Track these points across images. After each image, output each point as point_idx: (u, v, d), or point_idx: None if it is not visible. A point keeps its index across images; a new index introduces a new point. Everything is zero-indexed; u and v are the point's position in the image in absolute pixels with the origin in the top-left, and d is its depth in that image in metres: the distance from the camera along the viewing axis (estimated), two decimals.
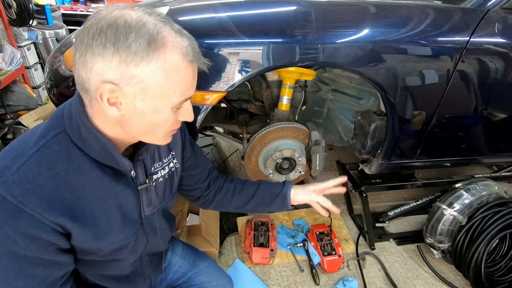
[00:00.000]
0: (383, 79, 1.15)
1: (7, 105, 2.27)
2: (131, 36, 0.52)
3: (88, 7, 4.09)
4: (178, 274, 1.07)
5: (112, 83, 0.54)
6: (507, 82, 1.27)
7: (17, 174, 0.56)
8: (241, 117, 1.64)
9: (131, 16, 0.53)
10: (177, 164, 0.88)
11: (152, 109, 0.59)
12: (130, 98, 0.56)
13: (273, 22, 1.06)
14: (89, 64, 0.53)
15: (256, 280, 1.39)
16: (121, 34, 0.52)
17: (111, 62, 0.53)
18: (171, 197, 0.91)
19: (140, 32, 0.52)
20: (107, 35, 0.52)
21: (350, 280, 1.40)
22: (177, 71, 0.57)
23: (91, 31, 0.53)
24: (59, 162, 0.60)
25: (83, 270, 0.79)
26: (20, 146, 0.60)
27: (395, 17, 1.14)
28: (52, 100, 1.25)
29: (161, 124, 0.63)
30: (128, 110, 0.58)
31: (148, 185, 0.77)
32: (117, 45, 0.52)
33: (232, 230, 1.66)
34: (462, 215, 1.40)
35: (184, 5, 1.13)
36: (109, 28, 0.52)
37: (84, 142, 0.61)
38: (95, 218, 0.66)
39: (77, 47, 0.55)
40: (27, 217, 0.56)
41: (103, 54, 0.52)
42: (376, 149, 1.40)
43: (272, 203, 1.01)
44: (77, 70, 0.56)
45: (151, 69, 0.54)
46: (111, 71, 0.53)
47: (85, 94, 0.58)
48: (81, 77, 0.56)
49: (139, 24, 0.53)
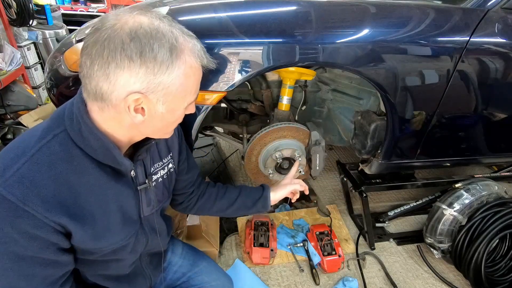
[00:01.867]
0: (383, 79, 1.15)
1: (7, 105, 2.27)
2: (155, 47, 0.54)
3: (88, 7, 4.09)
4: (178, 274, 1.07)
5: (138, 93, 0.56)
6: (507, 82, 1.27)
7: (17, 174, 0.56)
8: (241, 117, 1.64)
9: (147, 25, 0.55)
10: (174, 165, 0.89)
11: (170, 109, 0.62)
12: (153, 103, 0.59)
13: (273, 22, 1.06)
14: (112, 77, 0.54)
15: (256, 280, 1.39)
16: (145, 45, 0.53)
17: (138, 73, 0.54)
18: (168, 197, 0.91)
19: (161, 42, 0.54)
20: (131, 48, 0.53)
21: (350, 280, 1.40)
22: (193, 73, 0.61)
23: (112, 44, 0.53)
24: (60, 162, 0.60)
25: (83, 269, 0.79)
26: (20, 145, 0.60)
27: (395, 17, 1.14)
28: (52, 100, 1.25)
29: (174, 121, 0.67)
30: (149, 114, 0.60)
31: (147, 185, 0.77)
32: (144, 57, 0.53)
33: (232, 230, 1.66)
34: (462, 215, 1.41)
35: (184, 5, 1.13)
36: (132, 40, 0.53)
37: (85, 142, 0.61)
38: (95, 218, 0.66)
39: (93, 59, 0.54)
40: (28, 216, 0.56)
41: (129, 67, 0.53)
42: (376, 149, 1.40)
43: (254, 206, 1.06)
44: (94, 81, 0.55)
45: (175, 75, 0.57)
46: (138, 82, 0.55)
47: (97, 102, 0.59)
48: (99, 88, 0.56)
49: (158, 33, 0.55)
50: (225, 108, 1.67)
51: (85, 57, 0.55)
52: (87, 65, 0.55)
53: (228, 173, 2.13)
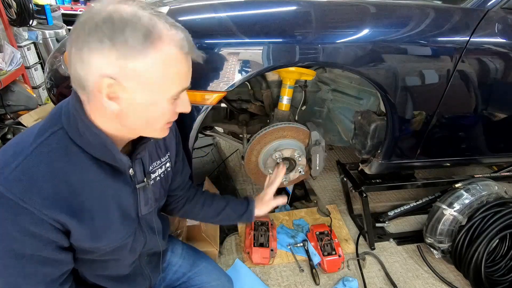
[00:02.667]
0: (383, 79, 1.15)
1: (7, 105, 2.27)
2: (127, 30, 0.52)
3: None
4: (178, 274, 1.07)
5: (111, 78, 0.54)
6: (507, 82, 1.27)
7: (16, 171, 0.56)
8: (241, 117, 1.64)
9: (125, 10, 0.53)
10: (172, 164, 0.89)
11: (150, 101, 0.59)
12: (129, 92, 0.56)
13: (273, 22, 1.06)
14: (86, 60, 0.53)
15: (256, 280, 1.39)
16: (117, 29, 0.51)
17: (109, 57, 0.52)
18: (164, 196, 0.91)
19: (136, 26, 0.52)
20: (103, 30, 0.51)
21: (350, 280, 1.40)
22: (174, 63, 0.58)
23: (87, 26, 0.52)
24: (58, 160, 0.60)
25: (82, 269, 0.79)
26: (19, 144, 0.60)
27: (395, 17, 1.14)
28: (52, 100, 1.25)
29: (159, 116, 0.63)
30: (127, 104, 0.58)
31: (146, 183, 0.77)
32: (114, 40, 0.51)
33: (232, 230, 1.66)
34: (462, 215, 1.41)
35: (184, 5, 1.13)
36: (105, 23, 0.51)
37: (82, 139, 0.61)
38: (93, 215, 0.66)
39: (73, 43, 0.54)
40: (27, 214, 0.56)
41: (100, 49, 0.52)
42: (376, 149, 1.40)
43: (238, 219, 1.08)
44: (73, 66, 0.55)
45: (149, 62, 0.54)
46: (109, 66, 0.53)
47: (82, 91, 0.58)
48: (78, 74, 0.55)
49: (134, 18, 0.52)
50: (225, 108, 1.67)
51: (68, 42, 0.55)
52: (68, 49, 0.55)
53: (228, 173, 2.13)
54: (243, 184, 2.03)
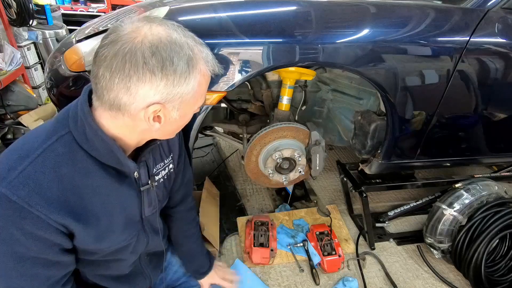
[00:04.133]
0: (383, 79, 1.15)
1: (7, 105, 2.27)
2: (175, 60, 0.56)
3: (88, 7, 4.09)
4: (178, 274, 1.08)
5: (158, 104, 0.58)
6: (507, 82, 1.27)
7: (22, 175, 0.56)
8: (241, 117, 1.64)
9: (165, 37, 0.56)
10: (174, 166, 0.89)
11: (183, 115, 0.65)
12: (169, 111, 0.61)
13: (273, 22, 1.06)
14: (133, 89, 0.56)
15: (256, 280, 1.39)
16: (166, 60, 0.55)
17: (159, 85, 0.56)
18: (167, 197, 0.92)
19: (180, 54, 0.57)
20: (153, 62, 0.54)
21: (350, 280, 1.40)
22: (206, 81, 0.64)
23: (134, 58, 0.54)
24: (64, 164, 0.60)
25: (84, 270, 0.79)
26: (25, 146, 0.60)
27: (395, 17, 1.14)
28: (52, 100, 1.25)
29: (184, 124, 0.70)
30: (165, 121, 0.63)
31: (150, 186, 0.77)
32: (165, 70, 0.55)
33: (232, 230, 1.66)
34: (462, 215, 1.41)
35: (184, 5, 1.13)
36: (154, 55, 0.54)
37: (89, 143, 0.61)
38: (98, 219, 0.66)
39: (113, 72, 0.55)
40: (33, 218, 0.56)
41: (151, 80, 0.55)
42: (376, 149, 1.40)
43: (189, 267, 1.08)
44: (113, 92, 0.56)
45: (190, 84, 0.60)
46: (158, 94, 0.57)
47: (111, 112, 0.59)
48: (119, 99, 0.57)
49: (176, 46, 0.57)
50: (225, 108, 1.67)
51: (103, 69, 0.55)
52: (105, 77, 0.55)
53: (228, 173, 2.13)
54: (243, 184, 2.03)
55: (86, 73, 1.08)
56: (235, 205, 1.85)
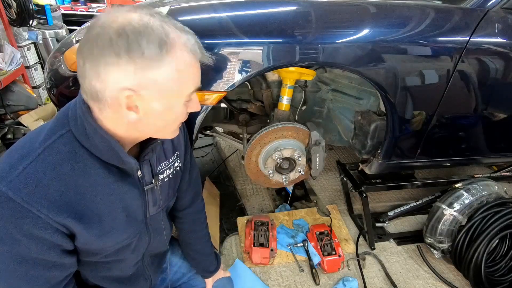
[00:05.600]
0: (383, 79, 1.15)
1: (7, 105, 2.27)
2: (142, 42, 0.52)
3: (88, 7, 4.09)
4: (178, 275, 1.07)
5: (129, 90, 0.55)
6: (507, 82, 1.27)
7: (23, 175, 0.56)
8: (241, 117, 1.64)
9: (136, 21, 0.53)
10: (180, 164, 0.88)
11: (167, 106, 0.60)
12: (146, 100, 0.57)
13: (273, 22, 1.06)
14: (102, 74, 0.53)
15: (256, 280, 1.39)
16: (132, 42, 0.52)
17: (127, 70, 0.53)
18: (173, 196, 0.91)
19: (150, 37, 0.53)
20: (119, 44, 0.51)
21: (350, 280, 1.40)
22: (187, 68, 0.59)
23: (100, 40, 0.52)
24: (65, 163, 0.59)
25: (85, 271, 0.79)
26: (25, 146, 0.60)
27: (395, 17, 1.14)
28: (52, 100, 1.25)
29: (175, 119, 0.65)
30: (144, 112, 0.58)
31: (154, 185, 0.77)
32: (131, 53, 0.52)
33: (232, 230, 1.66)
34: (462, 215, 1.41)
35: (184, 5, 1.13)
36: (119, 37, 0.51)
37: (90, 141, 0.61)
38: (100, 219, 0.66)
39: (85, 58, 0.54)
40: (33, 217, 0.56)
41: (117, 64, 0.52)
42: (376, 149, 1.40)
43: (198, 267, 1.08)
44: (87, 80, 0.55)
45: (165, 70, 0.56)
46: (127, 79, 0.54)
47: (95, 102, 0.58)
48: (93, 87, 0.55)
49: (147, 29, 0.53)
50: (225, 108, 1.67)
51: (78, 56, 0.55)
52: (80, 64, 0.55)
53: (228, 173, 2.13)
54: (243, 184, 2.03)
55: None
56: (235, 205, 1.85)
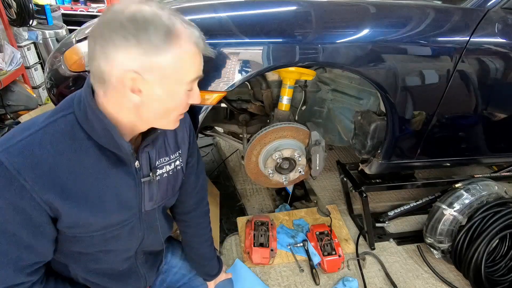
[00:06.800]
0: (383, 79, 1.15)
1: (7, 105, 2.27)
2: (150, 29, 0.56)
3: (88, 7, 4.09)
4: (178, 276, 1.07)
5: (134, 72, 0.58)
6: (507, 82, 1.27)
7: (20, 144, 0.59)
8: (241, 117, 1.64)
9: (147, 10, 0.57)
10: (182, 163, 0.88)
11: (169, 93, 0.63)
12: (150, 84, 0.60)
13: (273, 22, 1.06)
14: (110, 56, 0.57)
15: (256, 280, 1.39)
16: (141, 27, 0.56)
17: (133, 53, 0.57)
18: (173, 195, 0.91)
19: (157, 25, 0.57)
20: (128, 28, 0.55)
21: (350, 280, 1.40)
22: (190, 58, 0.63)
23: (112, 24, 0.56)
24: (62, 140, 0.62)
25: (74, 265, 0.78)
26: (30, 121, 0.63)
27: (395, 17, 1.14)
28: (52, 100, 1.25)
29: (176, 107, 0.67)
30: (147, 96, 0.61)
31: (151, 178, 0.77)
32: (139, 37, 0.56)
33: (232, 230, 1.66)
34: (462, 215, 1.41)
35: (184, 5, 1.13)
36: (129, 21, 0.56)
37: (89, 123, 0.63)
38: (87, 200, 0.66)
39: (96, 40, 0.58)
40: (18, 186, 0.58)
41: (125, 46, 0.56)
42: (376, 149, 1.40)
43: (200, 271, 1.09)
44: (96, 61, 0.58)
45: (169, 58, 0.59)
46: (133, 62, 0.57)
47: (101, 85, 0.61)
48: (100, 69, 0.58)
49: (156, 17, 0.57)
50: (225, 108, 1.67)
51: (90, 38, 0.59)
52: (91, 46, 0.59)
53: (228, 173, 2.13)
54: (243, 184, 2.03)
55: (86, 73, 1.08)
56: (235, 205, 1.85)
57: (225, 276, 1.14)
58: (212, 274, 1.09)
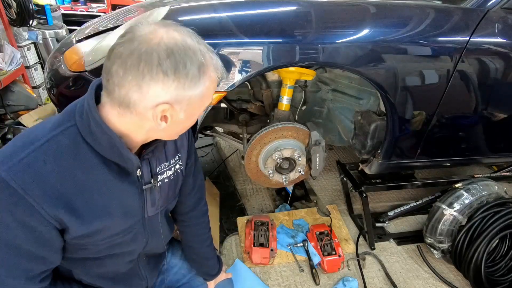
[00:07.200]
0: (383, 79, 1.15)
1: (7, 105, 2.27)
2: (188, 64, 0.58)
3: (88, 7, 4.09)
4: (178, 276, 1.07)
5: (167, 103, 0.59)
6: (507, 82, 1.27)
7: (23, 162, 0.57)
8: (241, 117, 1.64)
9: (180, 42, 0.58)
10: (182, 166, 0.89)
11: (190, 116, 0.66)
12: (176, 112, 0.62)
13: (273, 22, 1.06)
14: (144, 88, 0.57)
15: (256, 280, 1.39)
16: (179, 63, 0.57)
17: (170, 87, 0.58)
18: (173, 198, 0.91)
19: (193, 60, 0.59)
20: (168, 64, 0.56)
21: (350, 280, 1.40)
22: (213, 85, 0.66)
23: (149, 59, 0.55)
24: (66, 156, 0.61)
25: (78, 270, 0.79)
26: (30, 135, 0.61)
27: (395, 17, 1.14)
28: (52, 100, 1.25)
29: (189, 125, 0.71)
30: (171, 121, 0.63)
31: (153, 185, 0.77)
32: (177, 73, 0.57)
33: (232, 230, 1.66)
34: (462, 215, 1.41)
35: (184, 5, 1.13)
36: (167, 57, 0.56)
37: (93, 136, 0.62)
38: (94, 214, 0.66)
39: (128, 70, 0.56)
40: (26, 205, 0.57)
41: (163, 81, 0.57)
42: (376, 149, 1.40)
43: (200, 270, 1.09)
44: (124, 89, 0.57)
45: (199, 89, 0.62)
46: (167, 94, 0.58)
47: (120, 109, 0.60)
48: (128, 96, 0.58)
49: (190, 51, 0.59)
50: (225, 108, 1.67)
51: (117, 65, 0.56)
52: (119, 74, 0.56)
53: (228, 173, 2.13)
54: (243, 184, 2.03)
55: (86, 73, 1.08)
56: (235, 205, 1.85)
57: (225, 276, 1.14)
58: (212, 273, 1.09)
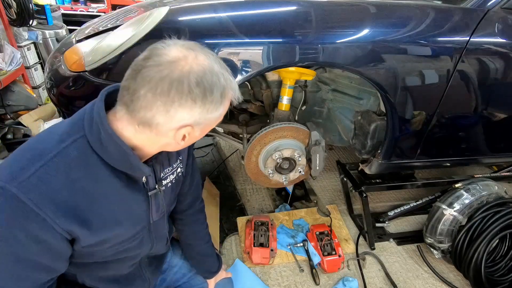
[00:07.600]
0: (383, 79, 1.15)
1: (7, 105, 2.27)
2: (214, 91, 0.60)
3: (88, 7, 4.09)
4: (178, 275, 1.08)
5: (189, 126, 0.62)
6: (507, 82, 1.27)
7: (34, 177, 0.56)
8: (241, 117, 1.64)
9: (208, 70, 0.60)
10: (182, 169, 0.89)
11: (203, 132, 0.69)
12: (195, 131, 0.65)
13: (273, 22, 1.06)
14: (171, 112, 0.58)
15: (256, 280, 1.39)
16: (208, 91, 0.59)
17: (196, 112, 0.60)
18: (175, 200, 0.92)
19: (218, 86, 0.61)
20: (197, 92, 0.58)
21: (350, 280, 1.40)
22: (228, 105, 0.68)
23: (180, 87, 0.57)
24: (76, 169, 0.60)
25: (82, 273, 0.79)
26: (38, 147, 0.60)
27: (395, 17, 1.14)
28: (52, 100, 1.25)
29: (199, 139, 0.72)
30: (189, 139, 0.66)
31: (157, 190, 0.77)
32: (204, 100, 0.60)
33: (232, 230, 1.66)
34: (462, 215, 1.41)
35: (184, 5, 1.13)
36: (198, 86, 0.58)
37: (103, 148, 0.61)
38: (104, 223, 0.66)
39: (159, 95, 0.57)
40: (38, 220, 0.57)
41: (191, 107, 0.59)
42: (376, 149, 1.40)
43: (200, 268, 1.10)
44: (150, 112, 0.58)
45: (219, 112, 0.65)
46: (192, 118, 0.61)
47: (139, 127, 0.61)
48: (154, 118, 0.59)
49: (215, 77, 0.61)
50: None
51: (146, 89, 0.56)
52: (147, 97, 0.57)
53: (228, 173, 2.13)
54: (243, 184, 2.03)
55: (86, 73, 1.08)
56: (235, 205, 1.85)
57: (225, 274, 1.14)
58: (212, 271, 1.09)
